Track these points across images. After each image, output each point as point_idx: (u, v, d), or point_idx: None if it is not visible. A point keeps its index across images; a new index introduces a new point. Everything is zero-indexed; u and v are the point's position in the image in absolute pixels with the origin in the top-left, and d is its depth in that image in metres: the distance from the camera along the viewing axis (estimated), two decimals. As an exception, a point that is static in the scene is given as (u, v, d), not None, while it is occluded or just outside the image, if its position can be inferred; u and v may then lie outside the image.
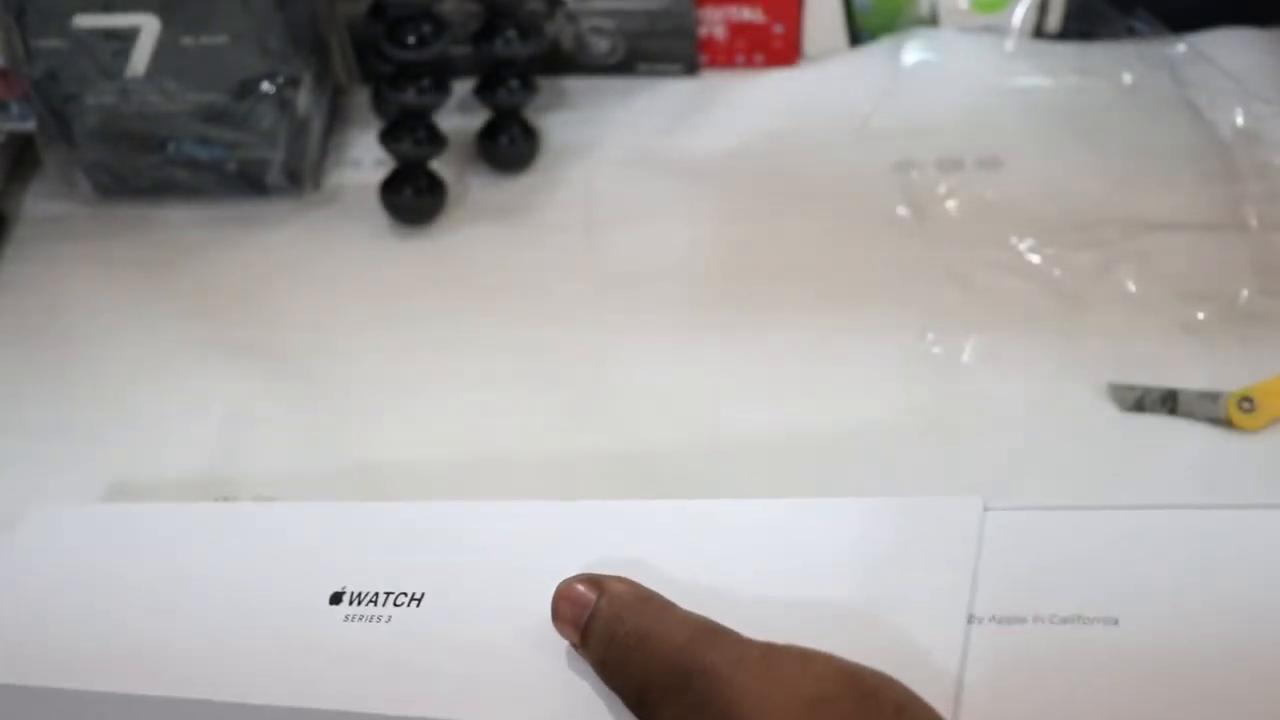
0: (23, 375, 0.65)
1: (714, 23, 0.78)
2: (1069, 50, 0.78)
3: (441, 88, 0.70)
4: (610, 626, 0.37)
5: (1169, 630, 0.33)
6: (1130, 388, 0.60)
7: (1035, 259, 0.66)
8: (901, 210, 0.70)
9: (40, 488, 0.60)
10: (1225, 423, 0.58)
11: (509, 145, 0.74)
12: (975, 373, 0.61)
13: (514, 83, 0.73)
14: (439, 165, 0.72)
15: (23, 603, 0.46)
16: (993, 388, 0.61)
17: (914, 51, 0.78)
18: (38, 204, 0.74)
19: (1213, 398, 0.59)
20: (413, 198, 0.71)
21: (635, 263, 0.69)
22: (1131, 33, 0.77)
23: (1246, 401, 0.58)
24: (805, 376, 0.62)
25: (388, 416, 0.63)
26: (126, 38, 0.67)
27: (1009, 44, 0.78)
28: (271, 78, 0.69)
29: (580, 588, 0.38)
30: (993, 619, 0.34)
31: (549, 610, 0.38)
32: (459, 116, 0.77)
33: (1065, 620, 0.34)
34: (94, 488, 0.58)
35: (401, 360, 0.65)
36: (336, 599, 0.42)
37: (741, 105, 0.78)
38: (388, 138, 0.71)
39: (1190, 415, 0.59)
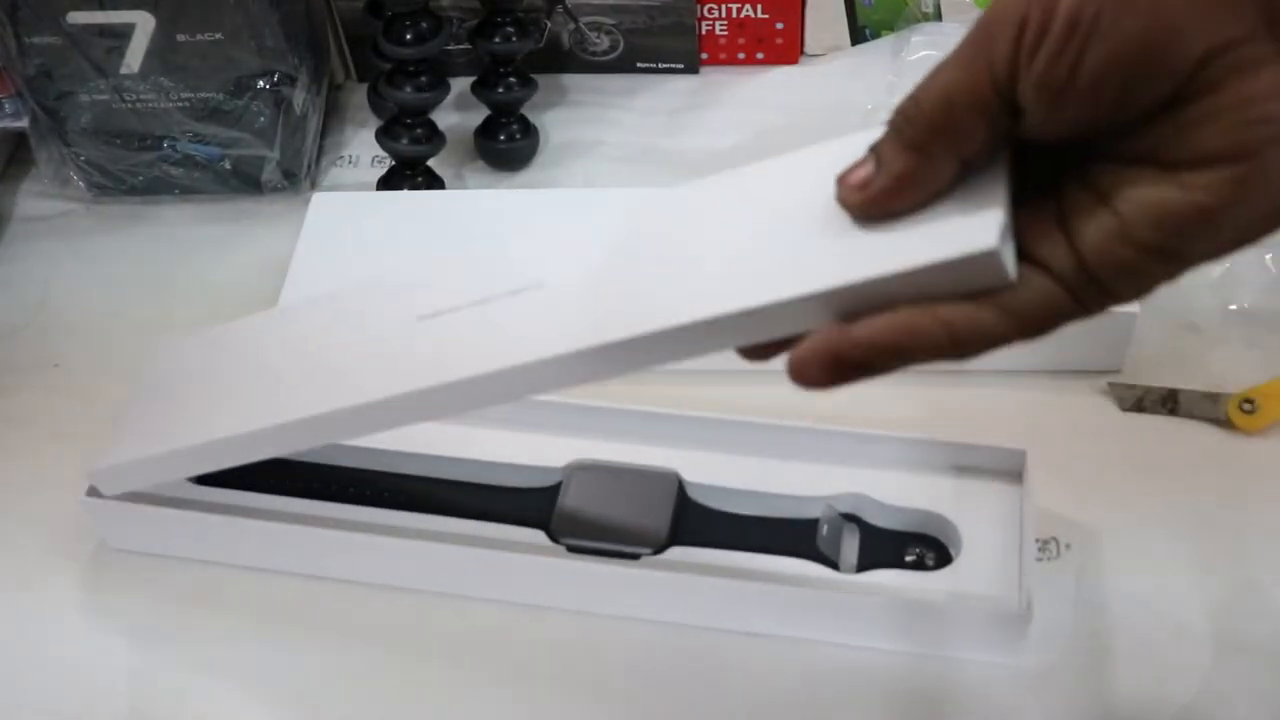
0: (15, 372, 0.65)
1: (715, 19, 0.77)
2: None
3: (439, 85, 0.69)
4: None
5: None
6: (1131, 387, 0.59)
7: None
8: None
9: (36, 485, 0.59)
10: (1226, 424, 0.57)
11: (508, 142, 0.73)
12: (977, 373, 0.61)
13: (512, 79, 0.72)
14: (437, 163, 0.72)
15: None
16: (995, 388, 0.60)
17: (917, 47, 0.77)
18: (31, 202, 0.74)
19: (1213, 398, 0.58)
20: (409, 196, 0.71)
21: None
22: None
23: (1248, 403, 0.57)
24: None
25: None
26: (121, 35, 0.66)
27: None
28: (267, 75, 0.69)
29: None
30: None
31: None
32: (457, 114, 0.76)
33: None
34: (87, 485, 0.58)
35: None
36: None
37: (743, 103, 0.78)
38: (385, 135, 0.70)
39: (1190, 415, 0.58)
